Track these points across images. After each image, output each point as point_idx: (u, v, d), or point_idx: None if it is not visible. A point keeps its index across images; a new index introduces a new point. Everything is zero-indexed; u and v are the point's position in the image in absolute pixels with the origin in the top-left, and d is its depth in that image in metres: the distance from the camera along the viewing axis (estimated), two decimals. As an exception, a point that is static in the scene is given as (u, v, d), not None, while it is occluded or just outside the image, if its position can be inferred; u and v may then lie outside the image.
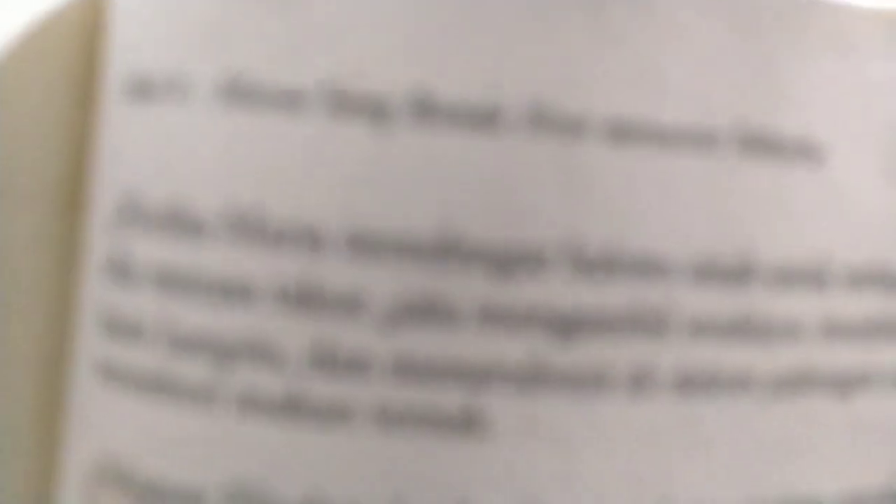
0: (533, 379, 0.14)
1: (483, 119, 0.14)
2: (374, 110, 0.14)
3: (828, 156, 0.15)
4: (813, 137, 0.15)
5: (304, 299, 0.14)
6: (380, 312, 0.14)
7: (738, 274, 0.14)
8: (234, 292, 0.14)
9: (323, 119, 0.14)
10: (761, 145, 0.14)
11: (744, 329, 0.15)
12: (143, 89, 0.15)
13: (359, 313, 0.14)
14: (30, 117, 0.16)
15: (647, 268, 0.14)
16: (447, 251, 0.14)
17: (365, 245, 0.14)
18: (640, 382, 0.14)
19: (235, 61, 0.14)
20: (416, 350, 0.14)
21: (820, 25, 0.15)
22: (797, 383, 0.15)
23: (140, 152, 0.15)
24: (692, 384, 0.14)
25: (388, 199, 0.14)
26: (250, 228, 0.14)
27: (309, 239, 0.14)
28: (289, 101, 0.14)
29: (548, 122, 0.14)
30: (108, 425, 0.15)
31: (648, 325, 0.14)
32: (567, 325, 0.14)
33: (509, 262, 0.14)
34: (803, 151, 0.15)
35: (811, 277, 0.15)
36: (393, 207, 0.14)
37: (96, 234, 0.16)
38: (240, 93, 0.14)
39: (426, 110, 0.14)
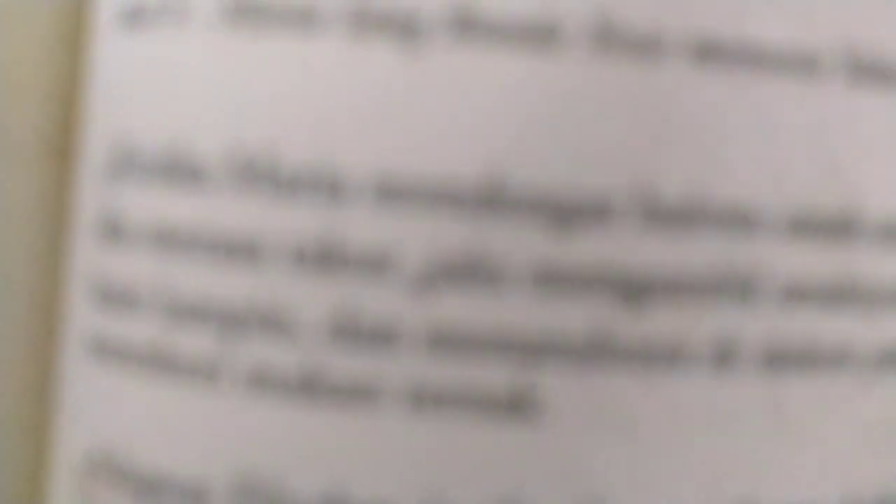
0: (596, 353, 0.12)
1: (537, 37, 0.12)
2: (403, 26, 0.12)
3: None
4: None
5: (324, 259, 0.12)
6: (412, 274, 0.12)
7: (840, 229, 0.13)
8: (241, 252, 0.12)
9: (342, 39, 0.12)
10: (871, 72, 0.12)
11: (844, 294, 0.13)
12: (136, 15, 0.13)
13: (387, 275, 0.12)
14: (13, 55, 0.14)
15: (735, 220, 0.12)
16: (493, 200, 0.12)
17: (394, 193, 0.12)
18: (723, 357, 0.12)
19: (239, -25, 0.12)
20: (456, 319, 0.12)
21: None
22: (905, 359, 0.13)
23: (134, 90, 0.13)
24: (783, 359, 0.13)
25: (422, 137, 0.12)
26: (259, 176, 0.12)
27: (328, 187, 0.12)
28: (302, 18, 0.12)
29: (617, 40, 0.12)
30: (102, 409, 0.13)
31: (735, 288, 0.12)
32: (637, 289, 0.12)
33: (568, 212, 0.12)
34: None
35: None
36: (428, 147, 0.12)
37: (87, 188, 0.14)
38: (245, 11, 0.12)
39: (466, 26, 0.12)
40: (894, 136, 0.12)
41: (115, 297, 0.13)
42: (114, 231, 0.13)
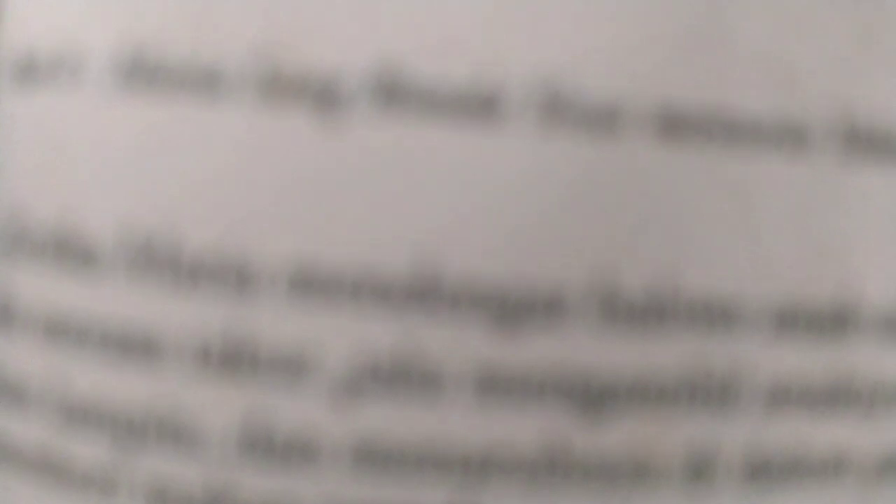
0: (549, 469, 0.11)
1: (475, 108, 0.10)
2: (320, 93, 0.10)
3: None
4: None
5: (231, 360, 0.11)
6: (333, 378, 0.10)
7: (834, 322, 0.11)
8: (137, 348, 0.11)
9: (251, 106, 0.10)
10: (869, 143, 0.11)
11: (840, 395, 0.11)
12: (28, 69, 0.11)
13: (305, 379, 0.10)
14: None
15: (711, 316, 0.11)
16: (426, 294, 0.10)
17: (312, 285, 0.10)
18: (697, 471, 0.11)
19: (136, 30, 0.11)
20: (384, 430, 0.10)
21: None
22: (908, 465, 0.12)
23: (25, 155, 0.12)
24: (768, 471, 0.11)
25: (344, 221, 0.10)
26: (157, 261, 0.10)
27: (236, 277, 0.10)
28: (205, 80, 0.10)
29: (568, 111, 0.10)
30: (-9, 515, 0.12)
31: (711, 393, 0.11)
32: (596, 396, 0.11)
33: (514, 308, 0.10)
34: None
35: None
36: (350, 232, 0.10)
37: (-19, 262, 0.12)
38: (141, 70, 0.10)
39: (392, 94, 0.10)
40: (894, 216, 0.11)
41: (5, 391, 0.12)
42: (4, 315, 0.12)
